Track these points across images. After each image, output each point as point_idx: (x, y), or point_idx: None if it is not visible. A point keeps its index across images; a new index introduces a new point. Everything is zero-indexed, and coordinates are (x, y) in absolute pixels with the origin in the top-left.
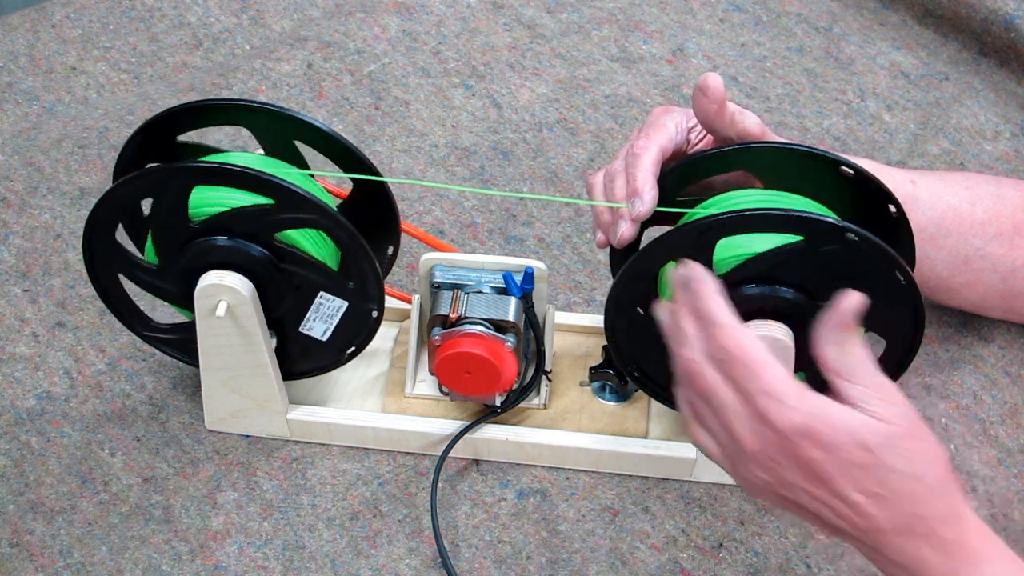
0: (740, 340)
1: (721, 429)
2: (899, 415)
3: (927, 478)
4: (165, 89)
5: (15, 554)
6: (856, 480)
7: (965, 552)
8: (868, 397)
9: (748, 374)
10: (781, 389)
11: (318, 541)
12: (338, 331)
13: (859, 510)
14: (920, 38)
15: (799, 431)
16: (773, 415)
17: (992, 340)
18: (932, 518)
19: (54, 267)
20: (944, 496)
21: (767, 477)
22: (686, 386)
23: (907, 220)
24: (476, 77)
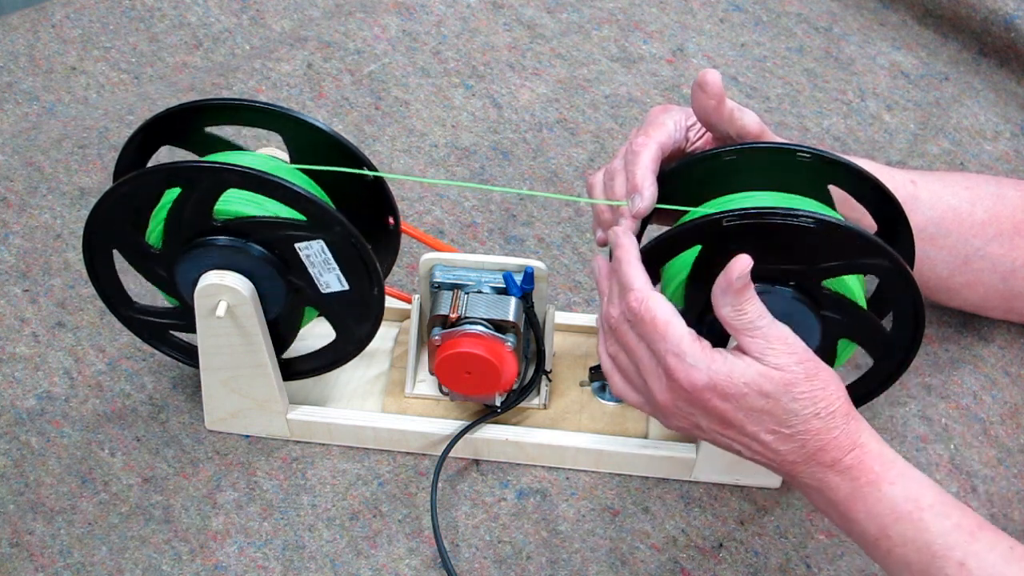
0: (649, 303)
1: (639, 379)
2: (795, 361)
3: (824, 414)
4: (165, 89)
5: (15, 554)
6: (762, 423)
7: (867, 476)
8: (765, 349)
9: (655, 335)
10: (684, 349)
11: (318, 541)
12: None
13: (769, 447)
14: (920, 38)
15: (703, 387)
16: (679, 374)
17: (992, 340)
18: (834, 448)
19: (54, 267)
20: (844, 428)
21: (682, 424)
22: (611, 340)
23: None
24: (476, 77)
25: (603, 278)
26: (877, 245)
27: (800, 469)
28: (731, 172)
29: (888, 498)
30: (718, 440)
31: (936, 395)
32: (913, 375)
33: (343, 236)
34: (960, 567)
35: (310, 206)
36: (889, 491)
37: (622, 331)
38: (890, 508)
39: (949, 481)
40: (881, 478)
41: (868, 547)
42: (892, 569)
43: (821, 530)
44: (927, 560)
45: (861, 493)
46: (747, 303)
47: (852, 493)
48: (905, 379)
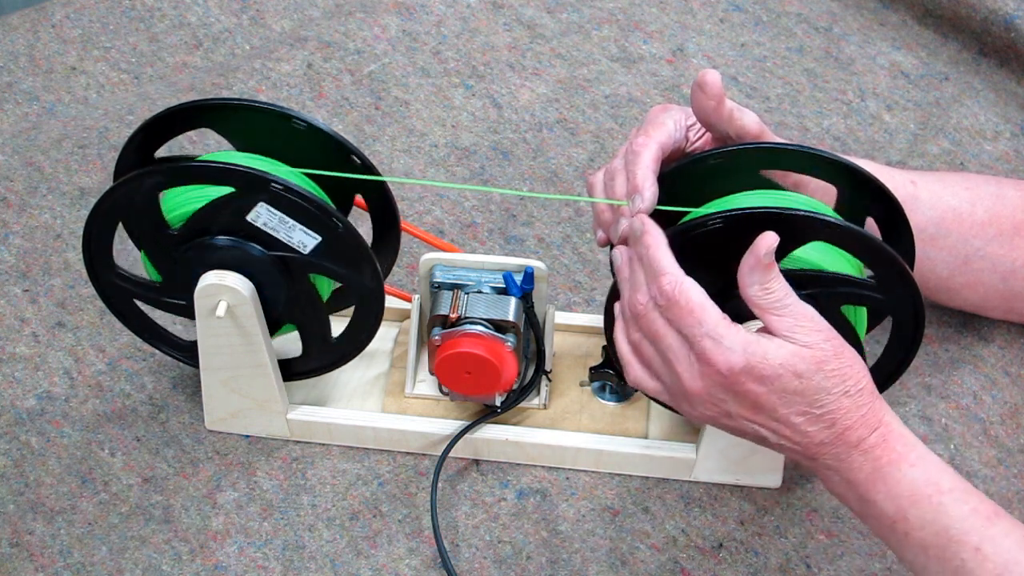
0: (683, 287)
1: (666, 370)
2: (823, 339)
3: (853, 392)
4: (165, 89)
5: (15, 554)
6: (794, 405)
7: (889, 456)
8: (794, 327)
9: (691, 319)
10: (720, 332)
11: (318, 541)
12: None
13: (797, 429)
14: (920, 38)
15: (740, 370)
16: (716, 357)
17: (992, 340)
18: (860, 427)
19: (54, 267)
20: (870, 406)
21: (709, 412)
22: (633, 328)
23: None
24: (476, 77)
25: (624, 265)
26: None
27: (825, 451)
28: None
29: (909, 479)
30: (743, 427)
31: (936, 395)
32: (913, 375)
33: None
34: (976, 552)
35: (231, 175)
36: (910, 472)
37: (650, 318)
38: (910, 490)
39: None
40: (903, 458)
41: (884, 530)
42: (907, 553)
43: (821, 530)
44: (943, 544)
45: (882, 473)
46: (774, 281)
47: (873, 473)
48: (905, 379)
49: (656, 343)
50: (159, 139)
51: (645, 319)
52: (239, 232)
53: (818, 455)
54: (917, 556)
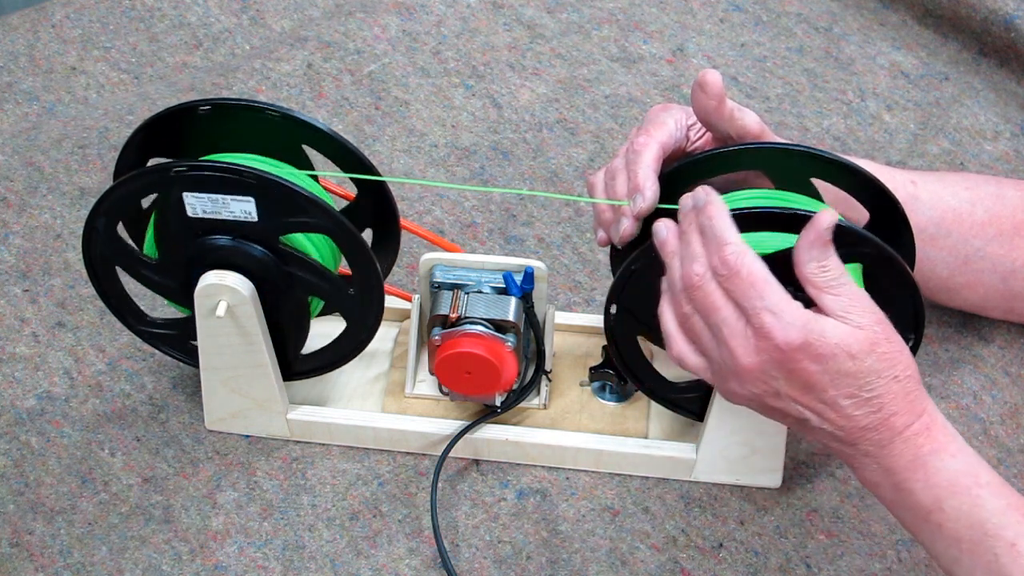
0: (747, 259)
1: (715, 344)
2: (875, 321)
3: (902, 377)
4: (165, 89)
5: (15, 554)
6: (844, 386)
7: (931, 444)
8: (849, 307)
9: (752, 291)
10: (782, 307)
11: (318, 541)
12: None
13: (844, 412)
14: (920, 38)
15: (798, 346)
16: (776, 332)
17: (992, 340)
18: (907, 413)
19: (54, 267)
20: (916, 393)
21: (756, 390)
22: (684, 301)
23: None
24: (476, 77)
25: (672, 237)
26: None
27: (868, 436)
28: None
29: (948, 470)
30: (787, 408)
31: (936, 395)
32: None
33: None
34: (1011, 547)
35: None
36: (951, 463)
37: (706, 290)
38: (949, 480)
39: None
40: (944, 448)
41: (917, 521)
42: (938, 545)
43: (821, 530)
44: (979, 537)
45: (923, 461)
46: (831, 259)
47: (913, 461)
48: None
49: (709, 316)
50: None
51: (700, 291)
52: (200, 233)
53: (859, 440)
54: (949, 548)
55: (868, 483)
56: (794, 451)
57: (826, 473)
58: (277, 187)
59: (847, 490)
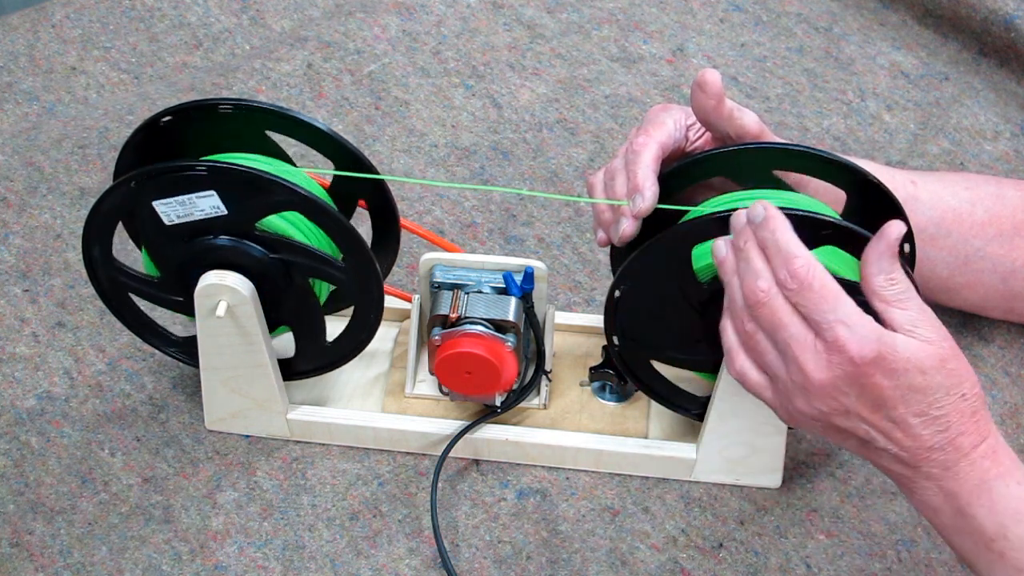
0: (819, 271)
1: (781, 361)
2: (943, 337)
3: (970, 396)
4: (165, 89)
5: (15, 554)
6: (913, 404)
7: (997, 468)
8: (918, 322)
9: (824, 304)
10: (855, 319)
11: (318, 541)
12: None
13: (911, 432)
14: (920, 38)
15: (872, 360)
16: (848, 344)
17: (992, 340)
18: (973, 433)
19: (54, 267)
20: (982, 413)
21: (825, 408)
22: (746, 316)
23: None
24: (476, 77)
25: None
26: None
27: (933, 457)
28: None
29: (1015, 496)
30: (854, 427)
31: None
32: None
33: (146, 177)
34: None
35: (109, 195)
36: (1017, 490)
37: (773, 306)
38: (1015, 507)
39: None
40: (1010, 474)
41: (977, 548)
42: (998, 572)
43: (821, 530)
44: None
45: (989, 486)
46: (899, 272)
47: (979, 485)
48: None
49: (776, 333)
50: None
51: (767, 307)
52: (185, 239)
53: (923, 462)
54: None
55: (925, 508)
56: (794, 451)
57: (826, 473)
58: (231, 173)
59: (847, 490)
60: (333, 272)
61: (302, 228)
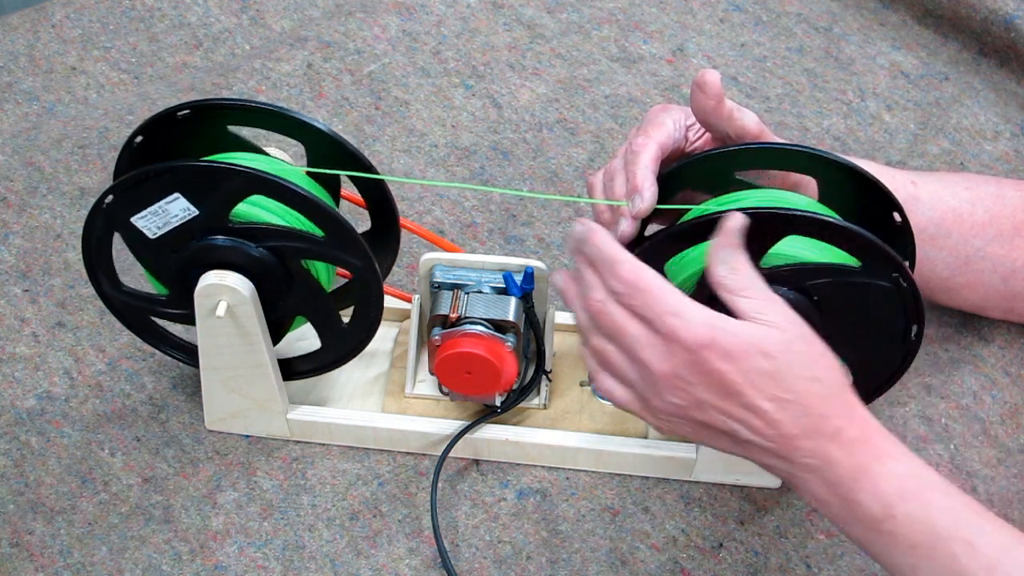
0: (639, 271)
1: (630, 365)
2: (791, 322)
3: (825, 379)
4: (165, 89)
5: (15, 554)
6: (762, 388)
7: (872, 450)
8: (761, 308)
9: (651, 300)
10: (683, 308)
11: (318, 541)
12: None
13: (768, 418)
14: (920, 38)
15: (705, 344)
16: (680, 332)
17: (992, 340)
18: (836, 417)
19: (54, 267)
20: (843, 396)
21: (679, 401)
22: (592, 332)
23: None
24: (476, 77)
25: (569, 281)
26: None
27: (799, 444)
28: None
29: (895, 475)
30: (714, 420)
31: (936, 395)
32: (913, 375)
33: (121, 192)
34: (968, 545)
35: (92, 221)
36: (895, 468)
37: (608, 312)
38: (897, 486)
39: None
40: (886, 453)
41: (869, 534)
42: (894, 556)
43: (821, 530)
44: (933, 541)
45: (866, 468)
46: (742, 263)
47: (857, 469)
48: (905, 379)
49: (619, 339)
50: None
51: (605, 315)
52: (173, 249)
53: (794, 452)
54: (905, 557)
55: (814, 501)
56: None
57: None
58: (185, 170)
59: None
60: (314, 247)
61: (277, 212)
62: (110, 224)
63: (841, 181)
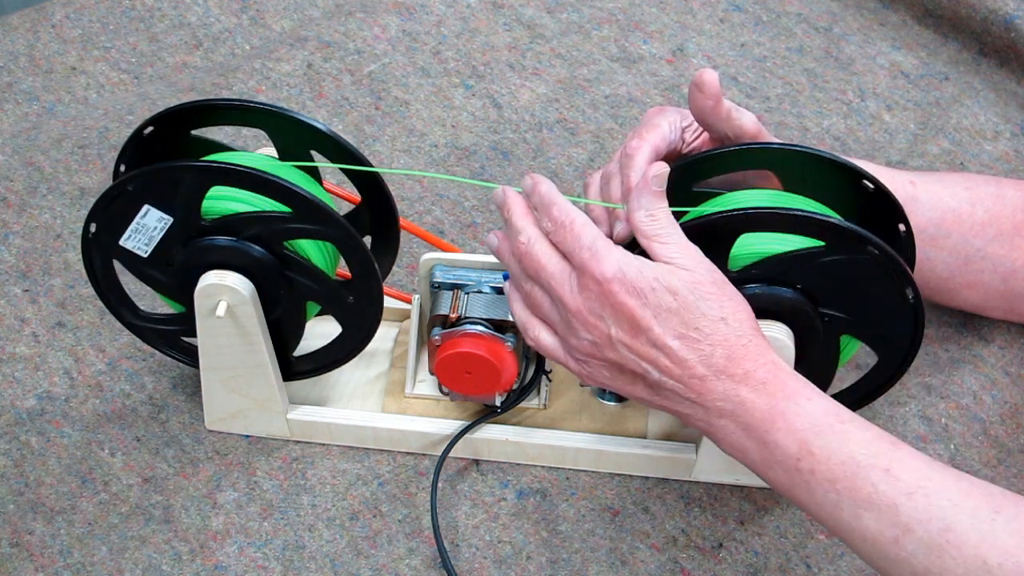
0: (573, 213)
1: (551, 306)
2: (703, 267)
3: (733, 321)
4: (165, 89)
5: (15, 554)
6: (669, 325)
7: (784, 391)
8: (675, 252)
9: (574, 238)
10: (598, 245)
11: (318, 541)
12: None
13: (675, 356)
14: (920, 38)
15: (612, 276)
16: (591, 266)
17: (992, 340)
18: (745, 359)
19: (54, 267)
20: (754, 340)
21: (593, 338)
22: (522, 278)
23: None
24: (476, 77)
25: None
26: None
27: (710, 386)
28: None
29: (808, 412)
30: (626, 360)
31: (936, 395)
32: (913, 375)
33: (101, 213)
34: (886, 473)
35: (87, 250)
36: (808, 406)
37: (534, 251)
38: (811, 422)
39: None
40: (798, 393)
41: (789, 474)
42: (816, 494)
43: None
44: (852, 472)
45: (779, 408)
46: (661, 210)
47: (771, 409)
48: (905, 379)
49: (540, 277)
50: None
51: (529, 256)
52: (168, 263)
53: (703, 393)
54: (827, 494)
55: (735, 451)
56: None
57: None
58: (139, 179)
59: None
60: (285, 224)
61: (244, 200)
62: (105, 253)
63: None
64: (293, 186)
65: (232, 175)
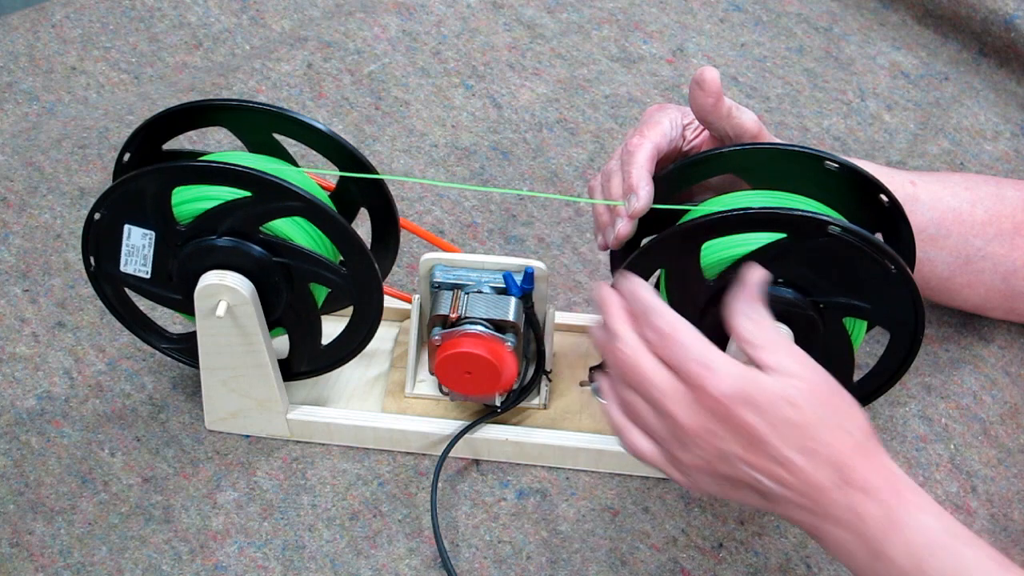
0: (680, 323)
1: (657, 418)
2: (816, 373)
3: (853, 430)
4: (165, 89)
5: (15, 554)
6: (790, 439)
7: (902, 503)
8: (785, 360)
9: (684, 350)
10: (711, 358)
11: (318, 541)
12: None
13: (795, 469)
14: (920, 38)
15: (732, 396)
16: (707, 383)
17: (992, 340)
18: (865, 468)
19: (54, 267)
20: (871, 447)
21: (705, 455)
22: (620, 385)
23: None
24: (476, 77)
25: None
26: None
27: (829, 497)
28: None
29: (925, 527)
30: (741, 473)
31: (936, 395)
32: (913, 375)
33: (86, 246)
34: None
35: (95, 282)
36: (925, 520)
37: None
38: (928, 539)
39: (949, 481)
40: (915, 505)
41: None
42: None
43: None
44: None
45: (897, 522)
46: (765, 316)
47: (889, 523)
48: (905, 379)
49: (646, 390)
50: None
51: (632, 367)
52: (167, 278)
53: (822, 504)
54: None
55: (841, 553)
56: None
57: None
58: (104, 199)
59: None
60: (250, 208)
61: (212, 196)
62: (113, 284)
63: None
64: (246, 168)
65: (187, 171)
